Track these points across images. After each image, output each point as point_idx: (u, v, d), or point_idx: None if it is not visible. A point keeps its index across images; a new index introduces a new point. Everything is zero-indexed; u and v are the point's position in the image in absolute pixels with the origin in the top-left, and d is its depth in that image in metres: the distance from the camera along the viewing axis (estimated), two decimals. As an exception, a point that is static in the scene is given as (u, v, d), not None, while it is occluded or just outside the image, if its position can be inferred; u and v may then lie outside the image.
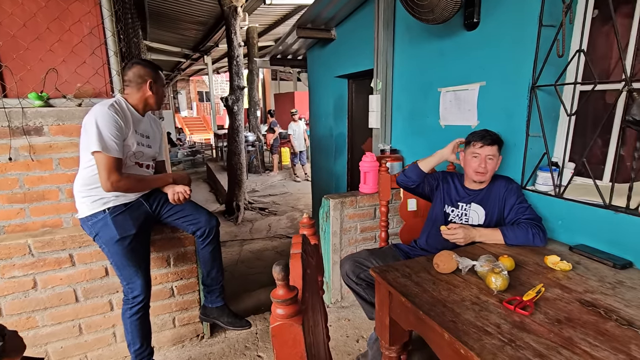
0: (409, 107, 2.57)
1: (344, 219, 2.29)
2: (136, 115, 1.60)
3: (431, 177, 1.78)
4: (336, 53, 3.58)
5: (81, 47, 1.89)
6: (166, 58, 9.49)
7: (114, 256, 1.54)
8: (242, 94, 5.15)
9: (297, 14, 6.49)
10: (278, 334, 0.60)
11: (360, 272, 1.72)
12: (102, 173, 1.45)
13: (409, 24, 2.42)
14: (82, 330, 1.74)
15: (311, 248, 0.92)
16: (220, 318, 1.88)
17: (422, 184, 1.75)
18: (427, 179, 1.77)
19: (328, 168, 4.18)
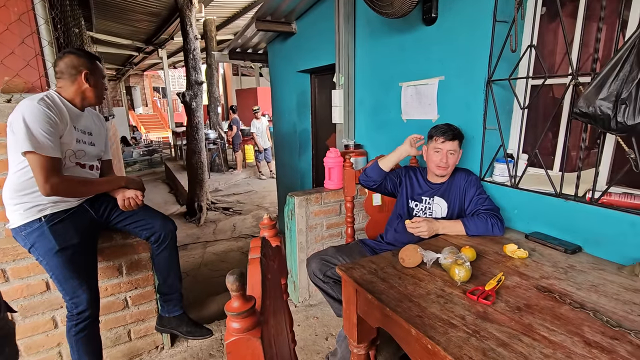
0: (372, 101, 2.57)
1: (309, 216, 2.24)
2: (73, 110, 1.44)
3: (393, 175, 1.78)
4: (298, 47, 3.51)
5: (8, 36, 1.68)
6: (116, 51, 8.87)
7: (53, 269, 1.38)
8: (201, 90, 4.92)
9: (257, 6, 6.31)
10: (234, 350, 0.54)
11: (327, 270, 1.69)
12: (38, 176, 1.28)
13: (370, 17, 2.41)
14: (21, 352, 1.56)
15: (272, 250, 0.86)
16: (178, 328, 1.77)
17: (384, 182, 1.75)
18: (389, 177, 1.77)
19: (293, 165, 4.11)
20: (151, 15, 6.57)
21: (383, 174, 1.72)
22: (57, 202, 1.40)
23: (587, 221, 1.40)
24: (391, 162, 1.71)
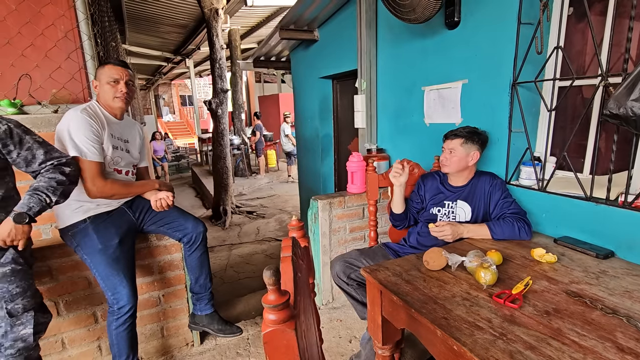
0: (394, 106, 2.59)
1: (332, 220, 2.28)
2: (111, 118, 1.55)
3: (414, 198, 1.83)
4: (320, 54, 3.58)
5: (56, 52, 1.83)
6: (147, 62, 9.30)
7: (97, 267, 1.49)
8: (226, 97, 5.09)
9: (280, 16, 6.46)
10: (270, 340, 0.59)
11: (350, 272, 1.72)
12: (85, 179, 1.40)
13: (391, 23, 2.44)
14: (65, 345, 1.67)
15: (301, 250, 0.91)
16: (210, 326, 1.84)
17: (409, 214, 1.81)
18: (411, 205, 1.83)
19: (315, 169, 4.17)
20: (179, 27, 6.86)
21: (402, 212, 1.78)
22: (99, 204, 1.51)
23: (620, 225, 1.36)
24: (398, 200, 1.76)
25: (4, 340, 1.20)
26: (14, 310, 1.22)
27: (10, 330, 1.21)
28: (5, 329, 1.20)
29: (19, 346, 1.23)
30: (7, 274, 1.21)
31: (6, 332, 1.20)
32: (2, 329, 1.20)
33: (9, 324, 1.21)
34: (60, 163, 1.29)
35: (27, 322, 1.24)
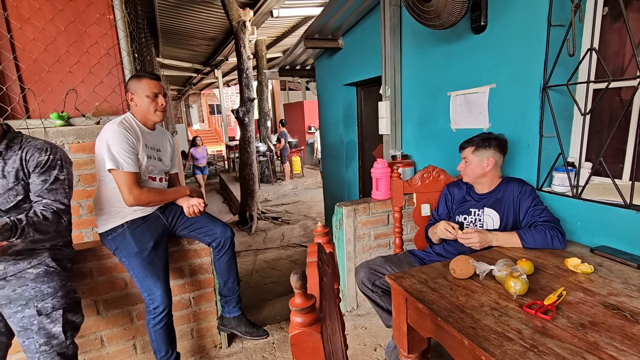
0: (419, 112, 2.57)
1: (357, 226, 2.28)
2: (144, 129, 1.64)
3: (441, 205, 1.83)
4: (344, 61, 3.62)
5: (98, 68, 1.97)
6: (178, 73, 9.73)
7: (134, 269, 1.57)
8: (253, 106, 5.23)
9: (304, 25, 6.59)
10: (297, 342, 0.61)
11: (375, 279, 1.71)
12: (122, 189, 1.49)
13: (416, 30, 2.43)
14: (103, 342, 1.77)
15: (327, 256, 0.93)
16: (237, 328, 1.89)
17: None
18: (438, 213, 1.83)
19: (339, 175, 4.19)
20: (209, 40, 7.15)
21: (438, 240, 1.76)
22: (136, 209, 1.60)
23: (664, 235, 1.28)
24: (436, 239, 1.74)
25: (39, 336, 1.28)
26: (42, 309, 1.29)
27: (43, 327, 1.29)
28: (38, 325, 1.28)
29: (53, 343, 1.30)
30: (40, 275, 1.29)
31: (40, 328, 1.28)
32: (35, 326, 1.28)
33: (40, 321, 1.29)
34: (60, 209, 1.30)
35: (56, 320, 1.31)
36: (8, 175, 1.25)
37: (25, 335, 1.28)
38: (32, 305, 1.28)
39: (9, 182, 1.24)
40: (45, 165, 1.30)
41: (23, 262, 1.28)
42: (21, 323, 1.27)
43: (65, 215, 1.33)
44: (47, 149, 1.32)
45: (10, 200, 1.25)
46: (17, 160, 1.26)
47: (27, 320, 1.27)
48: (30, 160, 1.28)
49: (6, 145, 1.27)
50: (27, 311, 1.27)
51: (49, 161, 1.31)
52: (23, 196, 1.27)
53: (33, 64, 1.85)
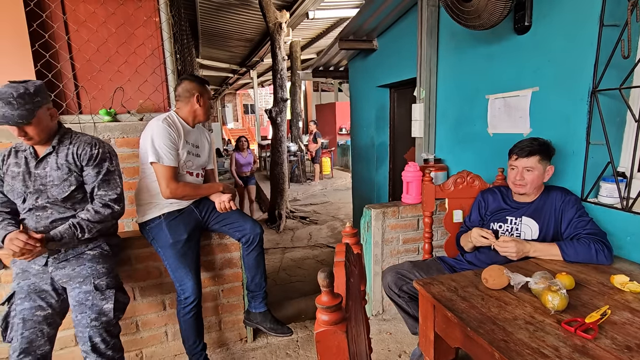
0: (454, 115, 2.50)
1: (385, 230, 2.25)
2: (186, 127, 1.72)
3: (474, 213, 1.75)
4: (378, 63, 3.58)
5: (144, 67, 2.09)
6: (216, 74, 10.09)
7: (168, 259, 1.65)
8: (285, 106, 5.31)
9: (339, 27, 6.61)
10: (322, 339, 0.61)
11: (402, 284, 1.68)
12: (161, 182, 1.57)
13: (454, 30, 2.36)
14: (138, 327, 1.87)
15: (354, 257, 0.92)
16: (263, 323, 1.93)
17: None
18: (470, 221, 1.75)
19: (369, 178, 4.15)
20: (246, 41, 7.36)
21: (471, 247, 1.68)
22: (172, 202, 1.68)
23: None
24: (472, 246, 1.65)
25: (91, 312, 1.39)
26: (99, 286, 1.42)
27: (96, 304, 1.41)
28: (92, 301, 1.40)
29: (102, 319, 1.41)
30: (96, 256, 1.45)
31: (93, 304, 1.40)
32: (90, 301, 1.40)
33: (95, 297, 1.41)
34: (113, 199, 1.45)
35: (109, 298, 1.43)
36: (62, 167, 1.37)
37: (80, 310, 1.39)
38: (89, 281, 1.41)
39: (63, 173, 1.37)
40: (97, 158, 1.42)
41: (82, 245, 1.43)
42: (78, 298, 1.40)
43: (118, 203, 1.47)
44: (95, 143, 1.44)
45: (65, 190, 1.37)
46: (69, 154, 1.39)
47: (83, 296, 1.39)
48: (82, 154, 1.40)
49: (58, 140, 1.39)
50: (85, 287, 1.40)
51: (100, 154, 1.43)
52: (76, 187, 1.40)
53: (86, 63, 2.00)
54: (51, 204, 1.38)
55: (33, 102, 1.26)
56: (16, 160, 1.37)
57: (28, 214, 1.38)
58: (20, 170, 1.36)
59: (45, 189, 1.36)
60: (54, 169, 1.37)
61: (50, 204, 1.38)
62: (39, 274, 1.40)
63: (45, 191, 1.36)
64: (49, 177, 1.36)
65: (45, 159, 1.38)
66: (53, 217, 1.38)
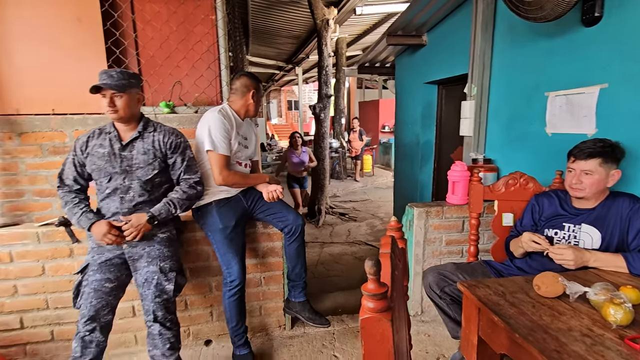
0: (508, 113, 2.36)
1: (428, 229, 2.20)
2: (238, 119, 1.81)
3: (527, 218, 1.64)
4: (426, 59, 3.48)
5: (200, 63, 2.22)
6: (263, 70, 10.38)
7: (217, 243, 1.76)
8: (329, 102, 5.34)
9: (387, 22, 6.49)
10: (367, 326, 0.63)
11: (445, 286, 1.64)
12: (214, 169, 1.67)
13: (512, 23, 2.23)
14: (187, 305, 2.01)
15: (399, 251, 0.92)
16: (301, 313, 1.98)
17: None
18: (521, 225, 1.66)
19: (412, 176, 4.06)
20: (293, 38, 7.48)
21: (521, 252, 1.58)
22: (222, 190, 1.78)
23: None
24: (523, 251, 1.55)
25: (155, 289, 1.53)
26: (163, 268, 1.56)
27: (159, 283, 1.55)
28: (157, 280, 1.54)
29: (163, 297, 1.55)
30: (164, 240, 1.60)
31: (157, 283, 1.54)
32: (155, 280, 1.54)
33: (160, 277, 1.55)
34: (196, 182, 1.64)
35: (171, 280, 1.57)
36: (148, 152, 1.53)
37: (146, 287, 1.55)
38: (156, 263, 1.55)
39: (149, 158, 1.52)
40: (180, 146, 1.60)
41: (155, 228, 1.57)
42: (145, 276, 1.55)
43: (200, 185, 1.66)
44: (178, 134, 1.63)
45: (149, 173, 1.53)
46: (155, 141, 1.55)
47: (150, 275, 1.54)
48: (168, 142, 1.57)
49: (143, 126, 1.55)
50: (152, 267, 1.55)
51: (182, 143, 1.61)
52: (158, 171, 1.56)
53: (150, 59, 2.17)
54: (134, 186, 1.52)
55: (128, 80, 1.48)
56: (101, 142, 1.53)
57: (111, 195, 1.53)
58: (105, 151, 1.51)
59: (131, 170, 1.52)
60: (141, 152, 1.52)
61: (134, 185, 1.53)
62: (113, 250, 1.56)
63: (131, 172, 1.52)
64: (135, 160, 1.52)
65: (132, 143, 1.53)
66: (135, 201, 1.53)
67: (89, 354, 1.45)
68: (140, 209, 1.54)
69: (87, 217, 1.50)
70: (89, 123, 2.05)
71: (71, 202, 1.52)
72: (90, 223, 1.48)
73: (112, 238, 1.47)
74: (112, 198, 1.53)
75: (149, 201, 1.56)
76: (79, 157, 1.53)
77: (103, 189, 1.54)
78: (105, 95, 1.44)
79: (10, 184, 2.07)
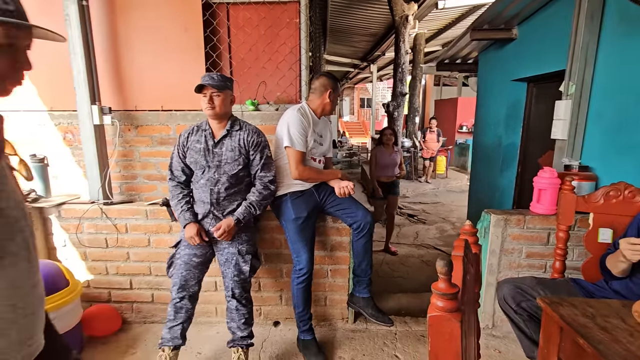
0: (615, 115, 2.07)
1: (505, 239, 2.05)
2: (315, 117, 1.90)
3: (631, 234, 1.42)
4: (516, 54, 3.20)
5: (283, 64, 2.37)
6: (338, 69, 10.54)
7: (289, 232, 1.88)
8: (403, 100, 5.22)
9: (471, 16, 6.08)
10: (435, 324, 0.64)
11: (522, 300, 1.53)
12: (291, 164, 1.80)
13: (626, 12, 1.94)
14: (260, 287, 2.19)
15: (472, 255, 0.91)
16: (365, 309, 2.02)
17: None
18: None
19: (491, 180, 3.78)
20: (370, 36, 7.46)
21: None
22: (296, 183, 1.89)
23: None
24: (626, 268, 1.35)
25: (234, 269, 1.73)
26: (241, 250, 1.75)
27: (237, 263, 1.74)
28: (235, 261, 1.73)
29: (241, 277, 1.74)
30: (243, 225, 1.77)
31: (236, 263, 1.73)
32: (234, 261, 1.73)
33: (237, 259, 1.74)
34: (269, 180, 1.78)
35: (247, 261, 1.76)
36: (234, 149, 1.72)
37: (226, 266, 1.76)
38: (235, 245, 1.75)
39: (235, 154, 1.72)
40: (260, 145, 1.76)
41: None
42: (226, 256, 1.76)
43: (273, 184, 1.81)
44: (259, 132, 1.80)
45: (234, 168, 1.73)
46: (240, 139, 1.74)
47: (230, 256, 1.75)
48: (250, 141, 1.74)
49: (231, 124, 1.74)
50: (231, 249, 1.75)
51: (262, 142, 1.77)
52: (242, 166, 1.74)
53: (240, 61, 2.39)
54: (223, 179, 1.73)
55: (225, 82, 1.69)
56: (198, 138, 1.76)
57: (203, 187, 1.74)
58: (201, 146, 1.74)
59: (220, 165, 1.73)
60: (229, 150, 1.72)
61: (222, 178, 1.73)
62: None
63: (221, 167, 1.73)
64: (224, 156, 1.72)
65: (222, 141, 1.73)
66: (222, 192, 1.73)
67: (179, 318, 1.70)
68: (225, 199, 1.73)
69: (184, 216, 1.74)
70: (188, 118, 2.36)
71: (176, 197, 1.77)
72: (185, 223, 1.73)
73: (197, 241, 1.70)
74: (203, 189, 1.74)
75: (233, 193, 1.75)
76: (182, 150, 1.77)
77: (197, 179, 1.76)
78: (206, 95, 1.65)
79: (127, 169, 2.49)
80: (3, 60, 0.68)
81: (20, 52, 0.71)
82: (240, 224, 1.73)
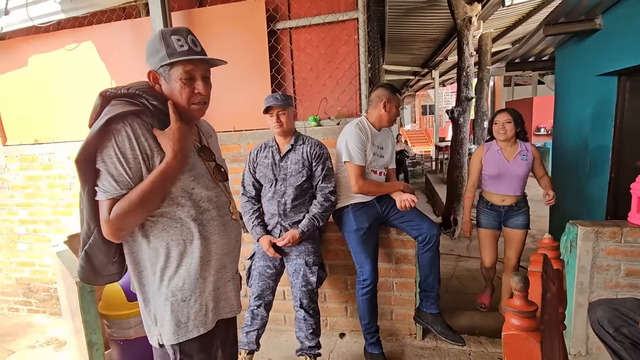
0: None
1: (598, 254, 1.82)
2: (374, 130, 1.92)
3: None
4: (601, 45, 2.86)
5: (343, 79, 2.44)
6: (397, 78, 10.38)
7: (351, 243, 1.91)
8: (469, 105, 4.94)
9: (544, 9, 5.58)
10: (510, 342, 0.62)
11: (621, 325, 1.34)
12: (351, 178, 1.84)
13: None
14: (326, 298, 2.24)
15: (553, 272, 0.84)
16: (434, 325, 1.94)
17: None
18: None
19: (576, 188, 3.38)
20: (430, 42, 7.26)
21: None
22: (358, 196, 1.92)
23: None
24: None
25: (302, 280, 1.81)
26: (308, 262, 1.82)
27: (304, 274, 1.81)
28: (303, 272, 1.80)
29: (308, 287, 1.81)
30: (309, 237, 1.84)
31: (304, 274, 1.81)
32: (302, 272, 1.81)
33: (305, 270, 1.81)
34: (330, 191, 1.85)
35: (314, 272, 1.82)
36: (298, 162, 1.83)
37: (295, 276, 1.85)
38: (302, 257, 1.84)
39: (299, 167, 1.83)
40: (322, 156, 1.84)
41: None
42: (294, 267, 1.86)
43: (334, 194, 1.88)
44: (321, 145, 1.88)
45: (299, 180, 1.83)
46: (303, 152, 1.84)
47: (298, 267, 1.84)
48: (313, 153, 1.83)
49: (294, 139, 1.84)
50: (299, 260, 1.84)
51: (324, 154, 1.85)
52: (305, 178, 1.84)
53: (302, 81, 2.51)
54: (289, 191, 1.84)
55: (287, 101, 1.81)
56: (266, 154, 1.90)
57: (271, 199, 1.86)
58: (269, 161, 1.87)
59: (286, 177, 1.84)
60: (293, 163, 1.83)
61: (289, 190, 1.84)
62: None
63: (287, 179, 1.84)
64: (289, 169, 1.84)
65: (287, 155, 1.85)
66: (288, 204, 1.83)
67: (255, 324, 1.82)
68: (291, 210, 1.82)
69: (256, 231, 1.87)
70: (256, 137, 2.54)
71: (248, 213, 1.92)
72: (258, 237, 1.86)
73: (273, 253, 1.81)
74: (271, 202, 1.86)
75: (298, 205, 1.84)
76: (252, 166, 1.92)
77: (266, 192, 1.88)
78: (273, 115, 1.78)
79: (205, 185, 2.74)
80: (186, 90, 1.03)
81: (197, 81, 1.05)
82: (305, 236, 1.80)
